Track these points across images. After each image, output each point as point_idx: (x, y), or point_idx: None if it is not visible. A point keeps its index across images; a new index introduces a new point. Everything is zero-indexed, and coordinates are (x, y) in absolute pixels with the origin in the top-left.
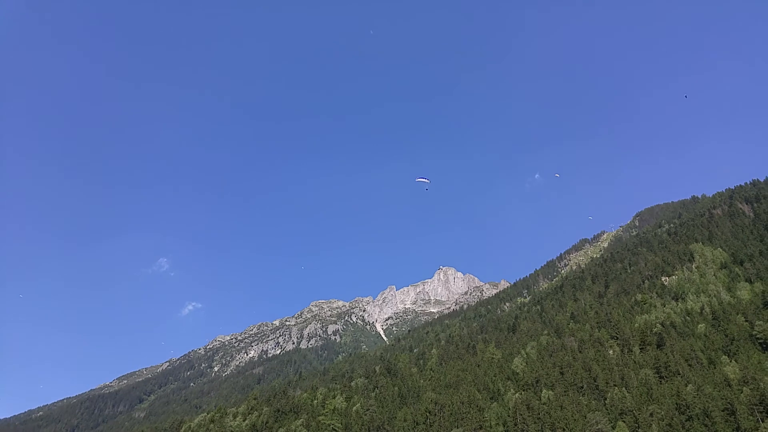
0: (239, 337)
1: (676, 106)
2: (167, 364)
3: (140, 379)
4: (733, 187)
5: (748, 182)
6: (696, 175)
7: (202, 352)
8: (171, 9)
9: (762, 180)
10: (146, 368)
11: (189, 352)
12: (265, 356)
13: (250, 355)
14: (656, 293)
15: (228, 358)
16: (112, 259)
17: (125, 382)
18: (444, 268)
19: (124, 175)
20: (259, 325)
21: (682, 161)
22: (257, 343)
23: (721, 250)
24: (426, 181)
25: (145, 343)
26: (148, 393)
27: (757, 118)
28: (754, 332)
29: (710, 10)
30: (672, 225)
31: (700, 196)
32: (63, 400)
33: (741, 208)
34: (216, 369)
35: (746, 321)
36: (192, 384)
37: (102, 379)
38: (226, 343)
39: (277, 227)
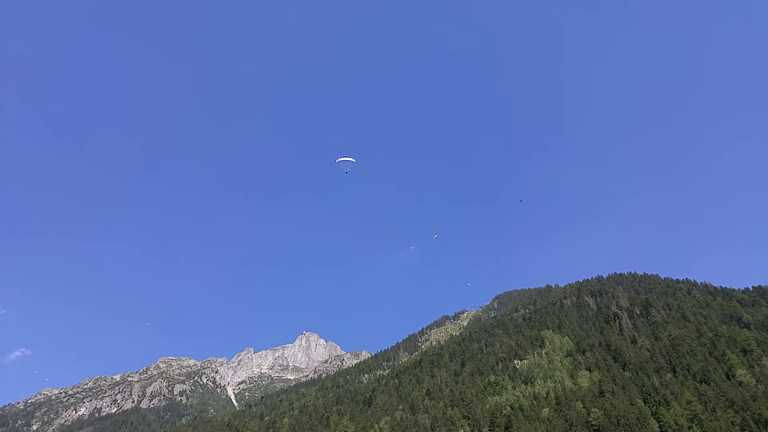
0: (70, 392)
1: (535, 202)
2: None
3: None
4: (581, 281)
5: (594, 277)
6: (552, 265)
7: (21, 407)
8: None
9: (605, 276)
10: None
11: (4, 406)
12: (97, 415)
13: (80, 413)
14: (508, 375)
15: (52, 415)
16: None
17: None
18: (307, 334)
19: None
20: (96, 379)
21: (541, 252)
22: (91, 400)
23: (568, 338)
24: (351, 160)
25: None
26: None
27: (604, 220)
28: (590, 419)
29: (548, 124)
30: (527, 310)
31: (553, 286)
32: None
33: (587, 301)
34: (35, 428)
35: (584, 408)
36: None
37: None
38: (53, 397)
39: (130, 274)
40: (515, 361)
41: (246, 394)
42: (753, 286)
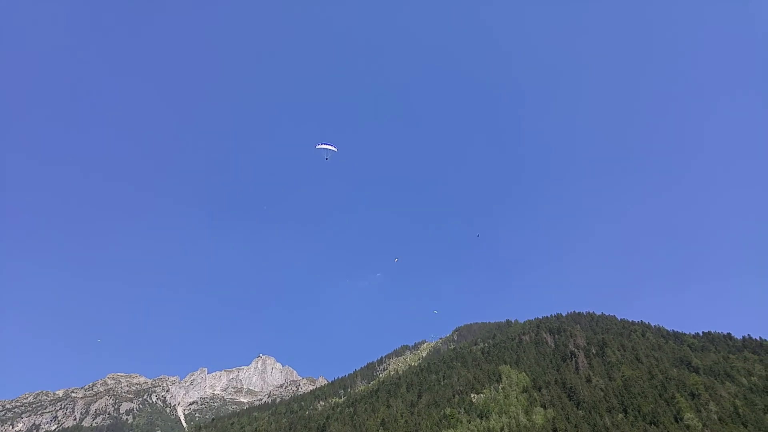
0: (8, 405)
1: (501, 237)
2: None
3: None
4: (541, 317)
5: (553, 315)
6: (512, 300)
7: None
8: None
9: (564, 315)
10: None
11: None
12: (35, 431)
13: (17, 428)
14: (464, 409)
15: None
16: None
17: None
18: (263, 357)
19: None
20: (38, 394)
21: (503, 286)
22: (29, 415)
23: (525, 374)
24: (332, 149)
25: None
26: None
27: (565, 259)
28: None
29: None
30: (486, 344)
31: (513, 321)
32: None
33: (545, 338)
34: None
35: None
36: None
37: None
38: None
39: (85, 287)
40: (472, 395)
41: (197, 415)
42: (703, 332)
